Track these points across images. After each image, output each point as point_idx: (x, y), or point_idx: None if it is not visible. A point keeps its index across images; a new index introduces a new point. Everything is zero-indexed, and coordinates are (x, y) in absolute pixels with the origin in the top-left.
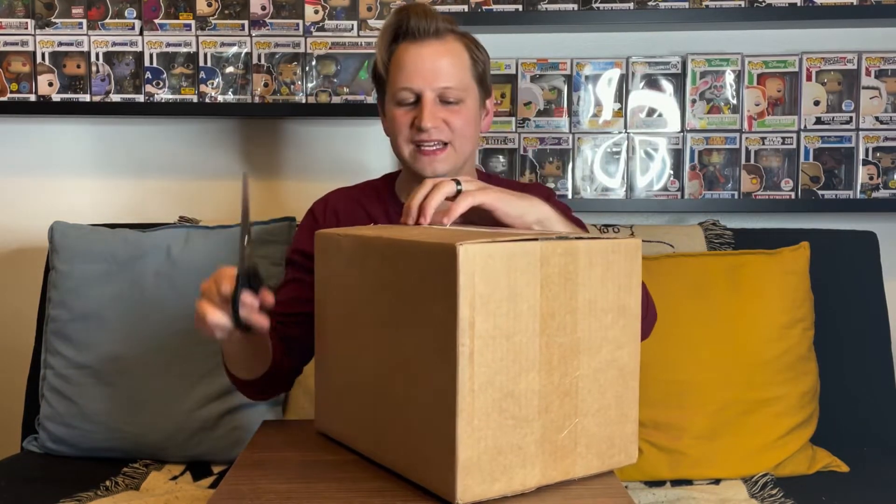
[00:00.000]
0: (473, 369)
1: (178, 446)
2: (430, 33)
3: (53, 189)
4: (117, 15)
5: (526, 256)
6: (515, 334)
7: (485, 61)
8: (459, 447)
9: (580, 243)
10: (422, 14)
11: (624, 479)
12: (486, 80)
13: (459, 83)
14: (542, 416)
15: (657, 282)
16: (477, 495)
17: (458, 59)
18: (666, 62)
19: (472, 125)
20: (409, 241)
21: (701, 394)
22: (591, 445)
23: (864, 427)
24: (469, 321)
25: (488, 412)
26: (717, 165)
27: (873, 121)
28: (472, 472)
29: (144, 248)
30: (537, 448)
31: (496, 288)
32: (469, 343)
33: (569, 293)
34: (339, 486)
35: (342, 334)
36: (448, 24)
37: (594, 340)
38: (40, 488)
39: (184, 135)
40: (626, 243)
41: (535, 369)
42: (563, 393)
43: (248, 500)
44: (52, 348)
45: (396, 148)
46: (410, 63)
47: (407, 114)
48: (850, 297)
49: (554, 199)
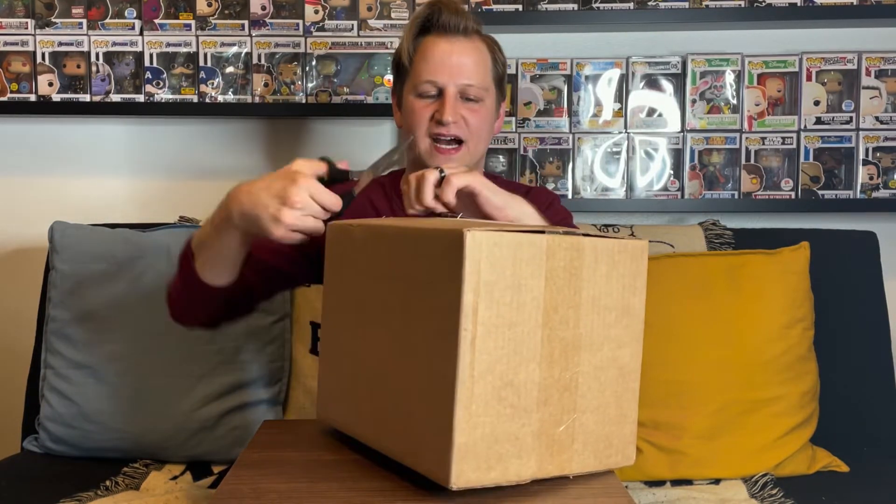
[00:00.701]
0: (474, 356)
1: (178, 446)
2: (459, 30)
3: (53, 189)
4: (117, 15)
5: (532, 247)
6: (518, 324)
7: (504, 64)
8: (456, 432)
9: (586, 240)
10: (453, 10)
11: (624, 479)
12: (504, 84)
13: (481, 82)
14: (540, 409)
15: (657, 282)
16: (471, 481)
17: (482, 58)
18: (666, 62)
19: (488, 126)
20: (418, 228)
21: (701, 394)
22: (588, 443)
23: (864, 427)
24: (473, 307)
25: (487, 400)
26: (717, 165)
27: (873, 121)
28: (467, 458)
29: (144, 248)
30: (534, 440)
31: (501, 276)
32: (472, 329)
33: (573, 288)
34: (340, 485)
35: (348, 322)
36: (476, 25)
37: (596, 338)
38: (40, 488)
39: (184, 135)
40: (633, 244)
41: (535, 361)
42: (563, 387)
43: (249, 499)
44: (52, 348)
45: None
46: (437, 56)
47: (427, 107)
48: (850, 297)
49: (558, 204)
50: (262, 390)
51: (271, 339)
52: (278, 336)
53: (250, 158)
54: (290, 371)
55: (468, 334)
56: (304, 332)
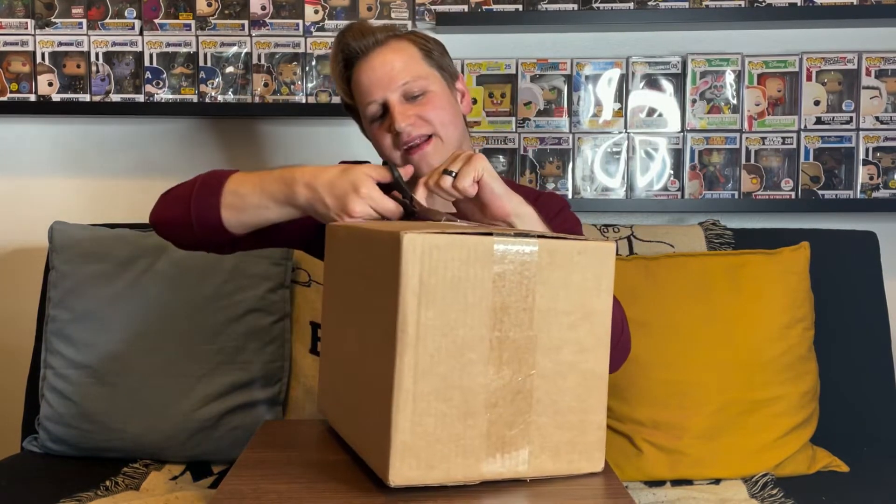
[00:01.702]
0: (415, 358)
1: (178, 446)
2: (371, 46)
3: (53, 189)
4: (117, 15)
5: (477, 249)
6: (463, 326)
7: (436, 48)
8: (394, 431)
9: (541, 242)
10: (358, 33)
11: (624, 479)
12: (445, 63)
13: (416, 74)
14: (489, 411)
15: (657, 282)
16: (410, 479)
17: (405, 54)
18: (666, 62)
19: (449, 110)
20: (371, 230)
21: (701, 394)
22: (545, 447)
23: (864, 427)
24: (412, 309)
25: (429, 400)
26: (717, 165)
27: (873, 121)
28: (406, 457)
29: (144, 248)
30: (483, 442)
31: (443, 279)
32: (411, 331)
33: (525, 290)
34: (340, 485)
35: (335, 320)
36: (386, 32)
37: (553, 341)
38: (40, 488)
39: (184, 135)
40: (595, 245)
41: (482, 363)
42: (515, 390)
43: (249, 500)
44: (52, 348)
45: (392, 162)
46: (365, 78)
47: (383, 126)
48: (850, 297)
49: (567, 211)
50: (262, 390)
51: (271, 339)
52: (278, 336)
53: (250, 158)
54: (290, 371)
55: (406, 336)
56: (304, 332)
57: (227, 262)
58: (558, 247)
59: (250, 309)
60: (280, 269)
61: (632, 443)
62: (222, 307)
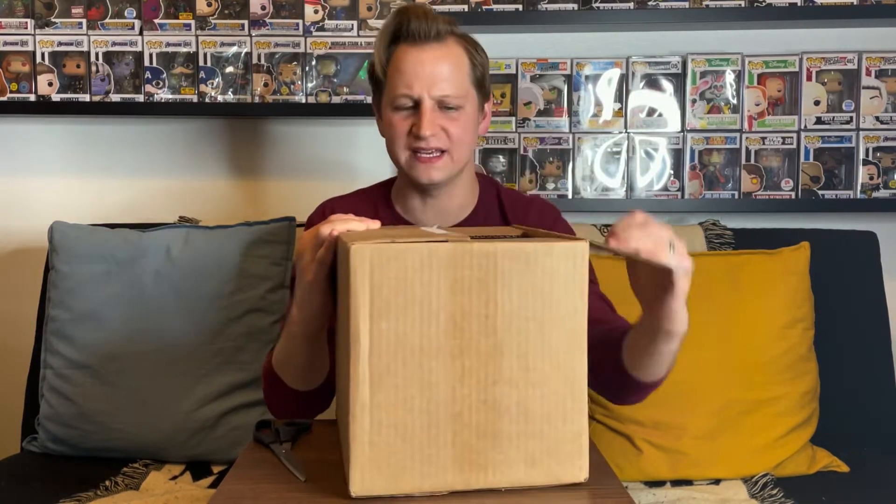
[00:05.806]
0: (369, 368)
1: (178, 446)
2: (430, 36)
3: (53, 189)
4: (117, 15)
5: (431, 258)
6: (420, 336)
7: (484, 64)
8: (354, 442)
9: (502, 246)
10: (422, 16)
11: (624, 479)
12: (486, 83)
13: (459, 90)
14: (454, 420)
15: None
16: (372, 489)
17: (458, 64)
18: (666, 62)
19: (471, 132)
20: (343, 241)
21: (701, 394)
22: (520, 456)
23: (864, 427)
24: (364, 320)
25: (388, 411)
26: (717, 165)
27: (873, 121)
28: (366, 468)
29: (144, 248)
30: (449, 452)
31: (398, 289)
32: (364, 342)
33: (487, 296)
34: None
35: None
36: (448, 26)
37: (521, 346)
38: (40, 488)
39: (184, 135)
40: (563, 247)
41: (443, 372)
42: (481, 399)
43: (249, 500)
44: (52, 348)
45: (392, 153)
46: (410, 68)
47: (405, 119)
48: (850, 297)
49: (561, 219)
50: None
51: (271, 339)
52: (278, 336)
53: (250, 158)
54: None
55: (359, 347)
56: None
57: (228, 262)
58: (521, 250)
59: (250, 309)
60: (280, 269)
61: (632, 443)
62: (222, 307)
